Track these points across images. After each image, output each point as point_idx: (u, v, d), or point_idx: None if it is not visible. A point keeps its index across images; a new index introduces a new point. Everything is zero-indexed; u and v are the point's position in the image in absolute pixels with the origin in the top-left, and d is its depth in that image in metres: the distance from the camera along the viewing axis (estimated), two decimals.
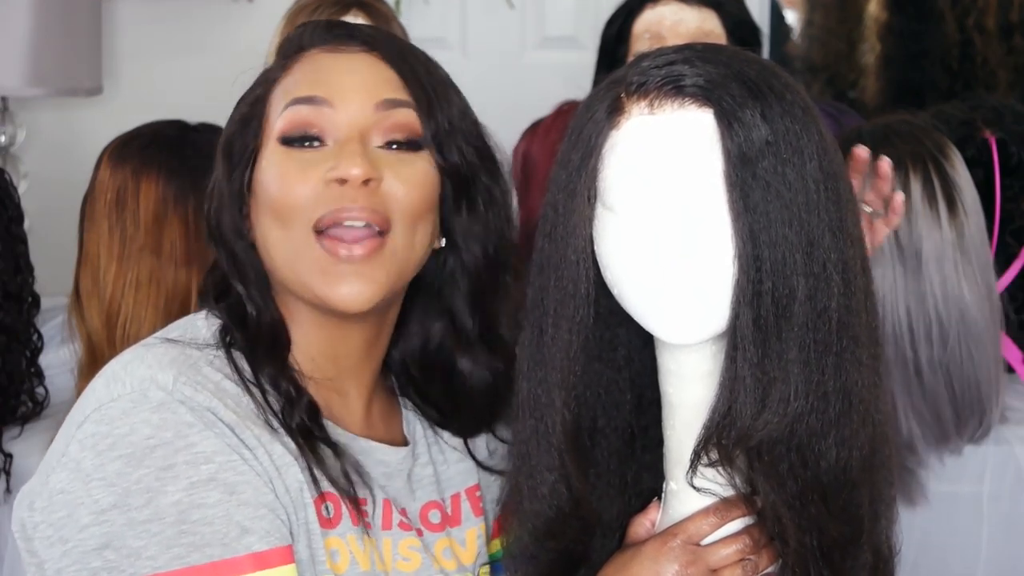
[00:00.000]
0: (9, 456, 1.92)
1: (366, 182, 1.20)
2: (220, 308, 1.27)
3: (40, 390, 2.03)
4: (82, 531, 1.13)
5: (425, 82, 1.25)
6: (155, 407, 1.15)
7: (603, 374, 1.22)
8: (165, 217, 1.90)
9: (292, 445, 1.20)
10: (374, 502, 1.25)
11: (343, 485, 1.21)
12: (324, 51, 1.26)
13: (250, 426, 1.18)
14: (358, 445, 1.27)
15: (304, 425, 1.21)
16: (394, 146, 1.23)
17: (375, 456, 1.28)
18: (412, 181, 1.23)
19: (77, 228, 1.98)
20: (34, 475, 1.21)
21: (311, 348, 1.27)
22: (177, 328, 1.26)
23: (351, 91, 1.23)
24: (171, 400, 1.15)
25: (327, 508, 1.20)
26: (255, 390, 1.22)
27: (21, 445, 1.94)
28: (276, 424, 1.21)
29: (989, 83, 3.64)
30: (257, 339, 1.24)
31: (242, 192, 1.26)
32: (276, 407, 1.21)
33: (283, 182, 1.22)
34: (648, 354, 1.22)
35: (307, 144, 1.22)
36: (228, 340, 1.24)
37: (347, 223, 1.20)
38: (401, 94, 1.24)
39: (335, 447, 1.23)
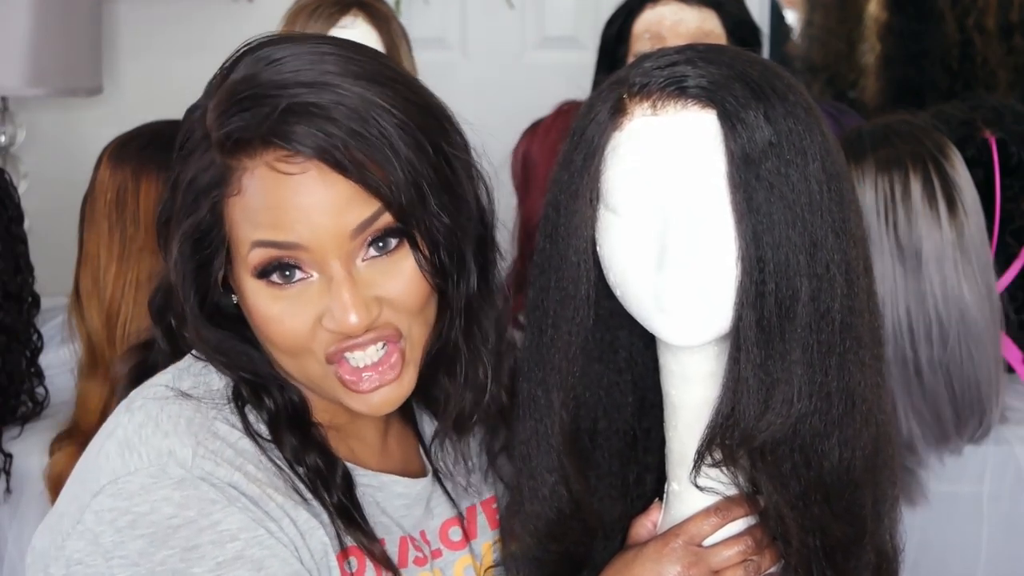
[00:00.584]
0: (9, 456, 1.92)
1: None
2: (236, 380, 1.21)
3: (40, 390, 2.03)
4: None
5: (383, 168, 1.11)
6: (176, 484, 1.11)
7: (604, 376, 1.22)
8: None
9: (317, 509, 1.17)
10: (391, 541, 1.24)
11: (374, 550, 1.19)
12: (269, 167, 1.11)
13: (272, 495, 1.15)
14: (378, 481, 1.25)
15: (342, 505, 1.19)
16: (380, 244, 1.14)
17: (395, 490, 1.26)
18: (409, 281, 1.16)
19: (77, 228, 1.98)
20: (43, 529, 1.18)
21: (323, 406, 1.23)
22: (190, 376, 1.21)
23: (321, 229, 1.11)
24: (191, 477, 1.11)
25: (350, 563, 1.18)
26: (274, 452, 1.18)
27: (21, 445, 1.94)
28: (306, 493, 1.17)
29: (989, 83, 3.64)
30: (277, 418, 1.20)
31: (212, 288, 1.18)
32: (302, 475, 1.18)
33: (278, 326, 1.15)
34: (650, 356, 1.22)
35: (287, 276, 1.13)
36: (243, 398, 1.20)
37: (359, 354, 1.15)
38: (368, 205, 1.12)
39: (366, 525, 1.20)
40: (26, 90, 3.02)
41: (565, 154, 1.16)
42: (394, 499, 1.26)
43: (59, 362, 2.05)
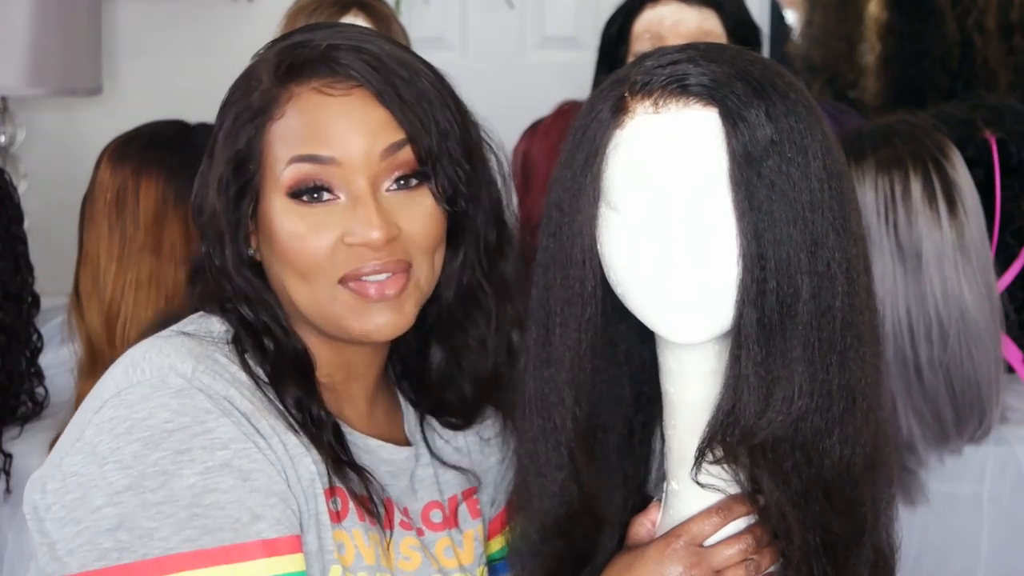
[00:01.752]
0: (9, 456, 1.93)
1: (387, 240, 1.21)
2: (236, 328, 1.26)
3: (40, 390, 2.03)
4: (95, 512, 1.14)
5: (415, 109, 1.24)
6: (174, 392, 1.16)
7: (606, 370, 1.22)
8: (165, 217, 1.91)
9: (307, 442, 1.21)
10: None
11: (358, 492, 1.23)
12: (316, 91, 1.22)
13: (266, 415, 1.19)
14: (364, 443, 1.28)
15: (333, 448, 1.23)
16: (401, 182, 1.23)
17: (381, 455, 1.29)
18: (425, 217, 1.24)
19: (77, 228, 1.98)
20: (46, 461, 1.21)
21: (323, 361, 1.28)
22: (192, 323, 1.26)
23: (355, 146, 1.21)
24: (190, 387, 1.17)
25: (335, 502, 1.22)
26: (270, 391, 1.23)
27: (21, 445, 1.95)
28: (298, 428, 1.22)
29: (989, 83, 3.64)
30: (280, 366, 1.25)
31: (243, 224, 1.25)
32: (295, 415, 1.23)
33: (301, 243, 1.22)
34: (647, 351, 1.22)
35: (316, 196, 1.21)
36: (243, 345, 1.25)
37: (372, 278, 1.22)
38: (398, 134, 1.22)
39: (355, 464, 1.25)
40: (26, 90, 3.02)
41: (567, 153, 1.16)
42: (380, 464, 1.29)
43: (59, 362, 2.05)
